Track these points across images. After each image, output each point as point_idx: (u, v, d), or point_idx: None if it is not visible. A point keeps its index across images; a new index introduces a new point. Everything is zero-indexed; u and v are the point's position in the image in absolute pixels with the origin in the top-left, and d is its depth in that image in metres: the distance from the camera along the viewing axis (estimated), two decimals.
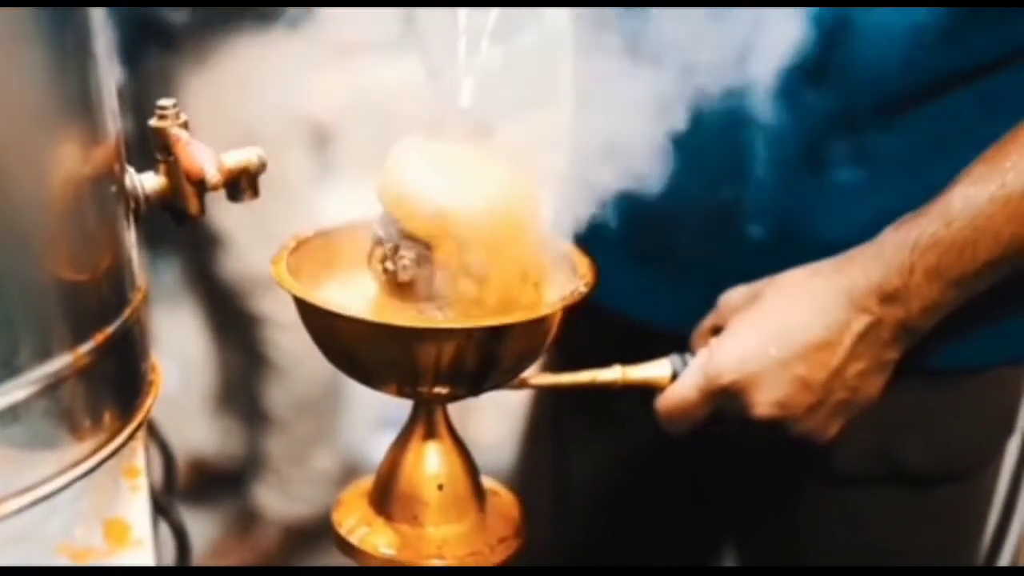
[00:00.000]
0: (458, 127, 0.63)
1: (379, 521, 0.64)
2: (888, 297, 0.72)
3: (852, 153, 0.80)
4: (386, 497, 0.65)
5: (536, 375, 0.73)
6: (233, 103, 1.26)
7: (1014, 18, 0.76)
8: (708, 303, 0.79)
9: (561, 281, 0.63)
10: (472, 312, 0.60)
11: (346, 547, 0.65)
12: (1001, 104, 0.78)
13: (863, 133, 0.79)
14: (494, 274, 0.59)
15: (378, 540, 0.64)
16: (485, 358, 0.58)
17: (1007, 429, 0.93)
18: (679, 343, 0.78)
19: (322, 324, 0.60)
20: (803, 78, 0.76)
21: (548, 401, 1.04)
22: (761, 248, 0.82)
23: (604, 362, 0.75)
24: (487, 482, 0.68)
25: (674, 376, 0.74)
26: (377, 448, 1.54)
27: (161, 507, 0.71)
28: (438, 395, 0.61)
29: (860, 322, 0.73)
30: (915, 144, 0.79)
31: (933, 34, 0.75)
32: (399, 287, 0.61)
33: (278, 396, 1.70)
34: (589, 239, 0.68)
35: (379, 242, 0.61)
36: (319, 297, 0.60)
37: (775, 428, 0.74)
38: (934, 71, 0.77)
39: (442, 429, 0.65)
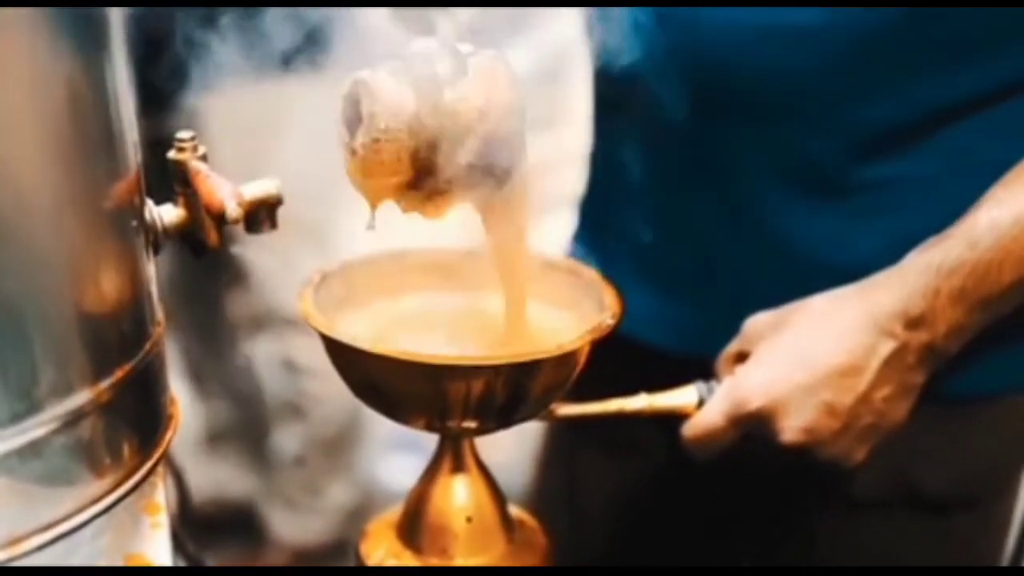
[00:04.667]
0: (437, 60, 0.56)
1: (407, 554, 0.64)
2: (914, 321, 0.72)
3: (868, 180, 0.80)
4: (414, 530, 0.64)
5: (563, 405, 0.73)
6: (252, 139, 1.24)
7: (1012, 50, 0.76)
8: (726, 328, 0.79)
9: (587, 312, 0.62)
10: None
11: None
12: (1012, 131, 0.78)
13: (877, 161, 0.79)
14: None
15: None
16: (513, 392, 0.58)
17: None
18: (695, 367, 0.78)
19: (349, 360, 0.59)
20: (810, 103, 0.76)
21: (562, 424, 1.03)
22: (779, 274, 0.82)
23: (620, 386, 0.74)
24: (514, 511, 0.68)
25: (700, 403, 0.74)
26: (390, 470, 1.53)
27: (177, 539, 0.70)
28: (467, 429, 0.61)
29: (886, 346, 0.72)
30: (928, 171, 0.79)
31: (925, 63, 0.76)
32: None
33: (295, 434, 1.69)
34: (605, 263, 0.68)
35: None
36: (346, 333, 0.59)
37: (802, 454, 0.73)
38: (935, 102, 0.77)
39: (469, 461, 0.64)
